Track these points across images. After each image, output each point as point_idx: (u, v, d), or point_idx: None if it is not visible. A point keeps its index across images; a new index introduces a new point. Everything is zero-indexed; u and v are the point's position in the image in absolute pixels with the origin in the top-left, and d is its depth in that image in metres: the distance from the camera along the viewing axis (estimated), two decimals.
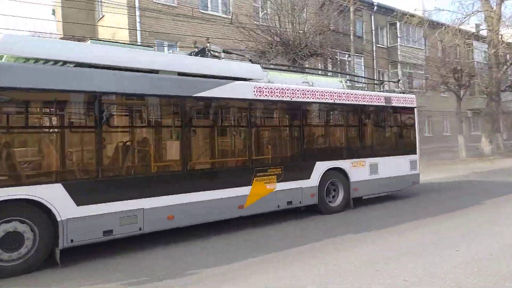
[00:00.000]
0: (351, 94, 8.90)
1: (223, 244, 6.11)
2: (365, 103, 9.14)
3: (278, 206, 7.45)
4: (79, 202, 5.24)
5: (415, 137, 10.28)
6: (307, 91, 8.04)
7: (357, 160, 8.77)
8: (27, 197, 4.91)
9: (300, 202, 7.81)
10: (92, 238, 5.39)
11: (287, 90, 7.70)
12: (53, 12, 20.38)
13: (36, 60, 5.48)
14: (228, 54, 9.50)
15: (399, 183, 9.74)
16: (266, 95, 7.38)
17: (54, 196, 5.07)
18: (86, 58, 5.64)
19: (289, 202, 7.62)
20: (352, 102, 8.82)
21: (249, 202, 7.00)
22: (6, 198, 4.75)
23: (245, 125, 7.40)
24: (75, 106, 5.62)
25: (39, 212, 5.02)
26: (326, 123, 9.09)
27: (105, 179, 5.57)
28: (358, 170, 8.76)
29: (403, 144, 10.18)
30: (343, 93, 8.71)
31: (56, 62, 5.52)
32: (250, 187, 7.02)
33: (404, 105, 10.03)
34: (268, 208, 7.36)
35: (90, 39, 8.11)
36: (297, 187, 7.71)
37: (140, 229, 5.75)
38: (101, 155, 5.61)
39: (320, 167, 8.09)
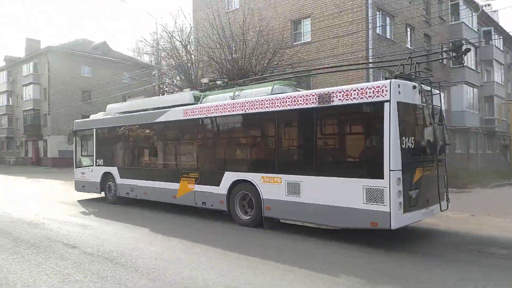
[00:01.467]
0: (264, 101, 7.86)
1: None
2: (283, 108, 7.53)
3: (196, 203, 9.16)
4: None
5: (379, 151, 6.17)
6: (220, 106, 8.68)
7: (269, 175, 7.70)
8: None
9: (212, 205, 8.83)
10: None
11: (204, 108, 9.06)
12: None
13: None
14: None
15: (343, 218, 6.66)
16: (190, 115, 9.34)
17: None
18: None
19: (204, 203, 8.98)
20: (263, 110, 7.86)
21: (178, 194, 9.57)
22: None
23: (177, 139, 10.19)
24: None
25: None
26: (238, 135, 9.02)
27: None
28: (272, 187, 7.61)
29: (352, 161, 7.08)
30: (254, 102, 8.02)
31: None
32: (178, 184, 9.55)
33: (361, 100, 6.46)
34: (189, 202, 9.34)
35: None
36: (209, 191, 8.83)
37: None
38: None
39: (229, 177, 8.45)
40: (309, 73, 16.40)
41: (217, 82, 11.05)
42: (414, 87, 6.54)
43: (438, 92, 7.16)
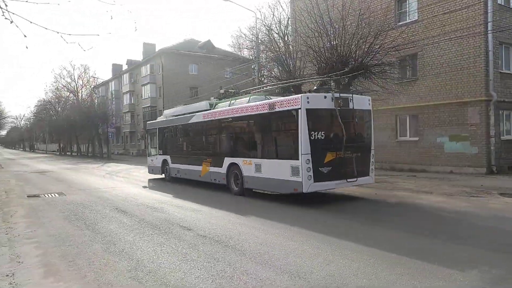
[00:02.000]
0: (239, 108, 11.58)
1: None
2: (250, 113, 10.98)
3: (211, 180, 13.00)
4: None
5: (297, 141, 9.06)
6: (221, 111, 12.57)
7: (246, 159, 11.17)
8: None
9: (219, 181, 12.55)
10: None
11: (213, 112, 12.96)
12: None
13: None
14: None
15: (281, 186, 9.81)
16: (206, 117, 13.29)
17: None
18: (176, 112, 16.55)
19: (215, 179, 12.76)
20: (241, 114, 11.50)
21: (202, 174, 13.54)
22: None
23: (200, 134, 14.16)
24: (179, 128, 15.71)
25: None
26: (230, 131, 12.42)
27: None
28: (248, 167, 11.00)
29: (285, 148, 9.96)
30: (234, 109, 11.88)
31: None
32: (201, 166, 13.51)
33: (288, 108, 9.48)
34: (207, 179, 13.22)
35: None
36: (217, 171, 12.57)
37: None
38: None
39: (227, 161, 12.05)
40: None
41: (229, 91, 14.70)
42: (325, 96, 9.43)
43: (364, 96, 10.83)
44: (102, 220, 8.22)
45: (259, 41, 24.35)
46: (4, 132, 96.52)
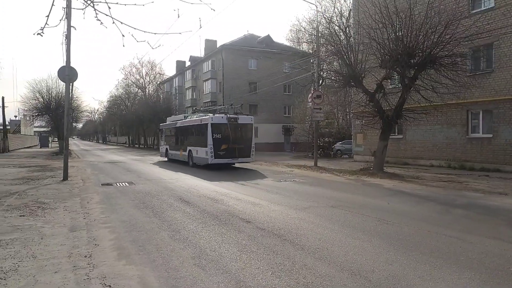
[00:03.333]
0: (190, 120, 22.50)
1: None
2: (194, 124, 21.45)
3: (183, 159, 22.88)
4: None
5: (207, 139, 18.91)
6: (185, 120, 23.83)
7: (193, 147, 21.03)
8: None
9: (185, 160, 22.28)
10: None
11: (184, 121, 23.89)
12: None
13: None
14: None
15: (203, 161, 19.47)
16: (182, 124, 24.02)
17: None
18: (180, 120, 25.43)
19: (184, 159, 22.53)
20: (191, 124, 22.04)
21: (180, 156, 23.74)
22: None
23: (181, 134, 24.15)
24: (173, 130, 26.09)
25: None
26: (188, 133, 22.67)
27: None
28: (194, 152, 20.78)
29: (205, 142, 19.06)
30: (189, 121, 22.72)
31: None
32: (179, 152, 23.70)
33: (205, 122, 19.39)
34: (182, 159, 23.22)
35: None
36: (184, 154, 22.44)
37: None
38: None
39: (187, 149, 21.91)
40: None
41: (197, 108, 27.00)
42: (223, 117, 19.09)
43: (248, 117, 20.26)
44: (168, 209, 8.69)
45: (319, 35, 23.94)
46: (80, 125, 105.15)
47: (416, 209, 8.82)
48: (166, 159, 27.18)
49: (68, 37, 14.19)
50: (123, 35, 5.63)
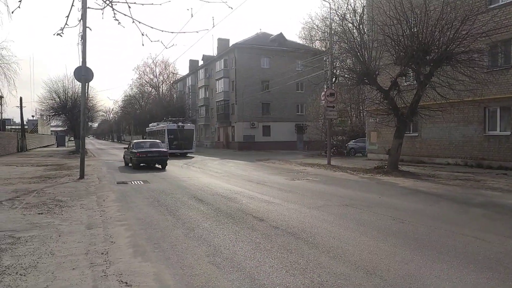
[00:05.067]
0: (160, 126, 35.93)
1: None
2: (162, 129, 33.92)
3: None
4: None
5: (166, 137, 31.81)
6: (157, 126, 37.36)
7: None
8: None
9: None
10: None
11: (155, 127, 39.18)
12: None
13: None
14: None
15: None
16: (155, 128, 38.97)
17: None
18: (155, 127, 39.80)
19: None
20: (160, 129, 35.26)
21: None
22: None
23: (155, 135, 36.45)
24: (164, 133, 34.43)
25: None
26: (158, 135, 34.96)
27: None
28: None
29: (164, 139, 31.11)
30: (160, 127, 35.85)
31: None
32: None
33: (166, 128, 32.59)
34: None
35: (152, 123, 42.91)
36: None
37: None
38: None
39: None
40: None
41: (169, 118, 36.76)
42: (174, 125, 32.84)
43: (191, 125, 34.91)
44: (182, 207, 8.76)
45: (332, 32, 23.76)
46: (96, 124, 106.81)
47: (432, 208, 8.70)
48: None
49: (84, 37, 14.41)
50: (142, 34, 5.73)
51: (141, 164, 19.42)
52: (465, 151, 19.10)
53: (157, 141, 23.01)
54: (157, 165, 20.02)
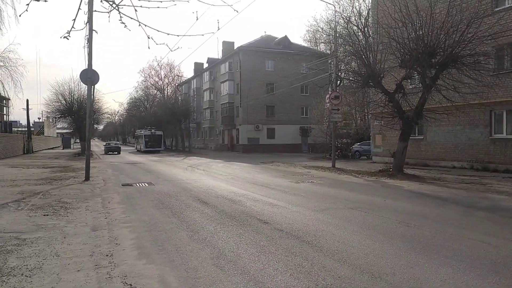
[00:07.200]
0: (142, 132, 50.66)
1: None
2: (144, 134, 49.27)
3: (138, 148, 53.57)
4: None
5: (143, 140, 49.23)
6: (143, 132, 49.62)
7: (139, 144, 54.19)
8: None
9: (139, 149, 52.85)
10: None
11: (140, 133, 52.85)
12: None
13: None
14: None
15: (142, 149, 48.37)
16: (140, 134, 52.31)
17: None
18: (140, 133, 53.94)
19: (138, 148, 53.34)
20: (142, 134, 50.78)
21: (137, 147, 55.80)
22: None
23: (139, 138, 54.64)
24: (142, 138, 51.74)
25: None
26: (139, 137, 53.43)
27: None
28: (139, 146, 52.75)
29: (142, 141, 50.23)
30: (142, 132, 50.16)
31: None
32: (138, 145, 54.56)
33: (144, 134, 48.93)
34: (137, 148, 55.36)
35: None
36: (139, 146, 52.97)
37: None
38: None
39: (140, 143, 51.98)
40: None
41: (151, 128, 50.37)
42: (149, 131, 48.72)
43: (160, 132, 50.02)
44: (186, 209, 8.78)
45: (337, 35, 23.76)
46: (101, 127, 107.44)
47: (437, 211, 8.64)
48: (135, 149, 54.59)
49: (89, 40, 14.52)
50: (148, 37, 5.79)
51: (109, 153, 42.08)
52: (471, 155, 18.97)
53: (119, 143, 49.07)
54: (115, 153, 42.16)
